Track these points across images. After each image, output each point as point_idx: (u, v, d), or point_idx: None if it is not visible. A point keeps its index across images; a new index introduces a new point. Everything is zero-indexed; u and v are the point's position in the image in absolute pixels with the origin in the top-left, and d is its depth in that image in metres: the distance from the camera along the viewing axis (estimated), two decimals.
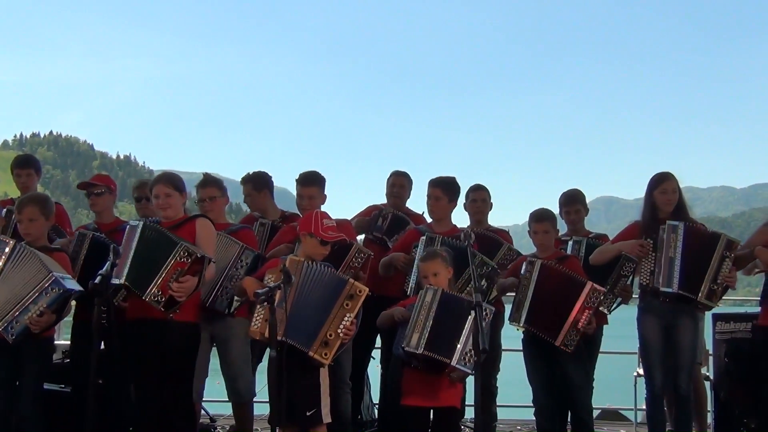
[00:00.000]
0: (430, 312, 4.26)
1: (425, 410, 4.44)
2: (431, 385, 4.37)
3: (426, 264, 4.57)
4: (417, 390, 4.41)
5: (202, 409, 6.54)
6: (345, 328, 4.17)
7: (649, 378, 5.13)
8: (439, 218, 5.54)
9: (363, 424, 6.35)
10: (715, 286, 4.89)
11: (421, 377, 4.38)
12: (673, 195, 5.08)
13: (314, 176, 5.39)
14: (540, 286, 5.03)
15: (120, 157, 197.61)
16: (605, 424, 7.64)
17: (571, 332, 4.91)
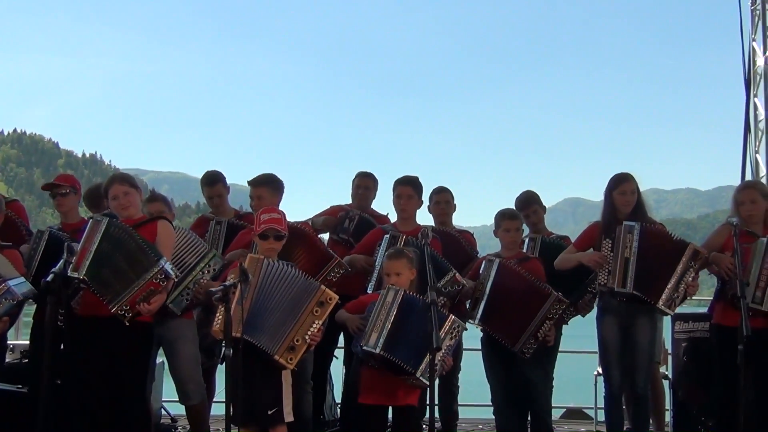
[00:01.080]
0: (390, 313, 4.25)
1: (383, 409, 4.44)
2: (389, 383, 4.36)
3: (391, 262, 4.56)
4: (375, 388, 4.41)
5: (163, 409, 6.51)
6: (312, 334, 4.16)
7: (607, 377, 5.18)
8: (409, 216, 5.55)
9: (325, 424, 6.34)
10: (676, 294, 4.91)
11: (378, 375, 4.38)
12: (631, 196, 5.11)
13: (264, 177, 5.39)
14: (497, 286, 5.04)
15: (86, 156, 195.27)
16: (568, 423, 7.71)
17: (529, 340, 4.94)
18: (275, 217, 4.51)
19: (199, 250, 4.98)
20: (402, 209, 5.52)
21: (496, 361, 5.20)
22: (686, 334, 6.79)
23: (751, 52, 8.08)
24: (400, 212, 5.53)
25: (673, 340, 6.88)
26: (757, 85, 8.00)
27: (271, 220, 4.47)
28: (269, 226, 4.44)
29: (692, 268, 4.91)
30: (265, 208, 4.72)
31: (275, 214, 4.57)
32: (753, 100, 7.99)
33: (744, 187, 5.18)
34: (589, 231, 5.30)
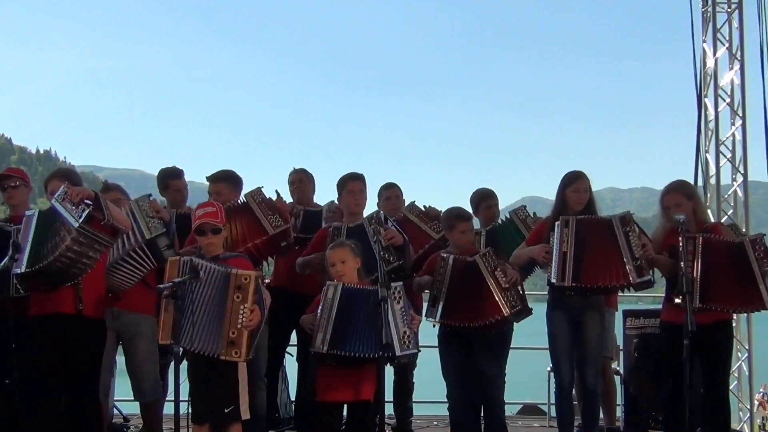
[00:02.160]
0: (333, 309, 4.29)
1: (340, 405, 4.45)
2: (346, 380, 4.39)
3: (333, 252, 4.60)
4: (331, 385, 4.43)
5: (116, 408, 6.44)
6: (245, 319, 4.08)
7: (557, 372, 5.23)
8: (361, 211, 5.57)
9: (281, 422, 6.34)
10: (637, 262, 4.91)
11: (335, 373, 4.39)
12: (584, 194, 5.17)
13: (223, 173, 5.36)
14: (453, 281, 5.07)
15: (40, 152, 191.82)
16: (523, 419, 7.79)
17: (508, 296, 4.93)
18: (210, 211, 4.45)
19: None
20: (356, 204, 5.52)
21: (452, 356, 5.23)
22: (637, 330, 6.91)
23: (702, 53, 8.21)
24: (354, 207, 5.53)
25: (625, 336, 6.99)
26: (708, 86, 8.13)
27: (206, 214, 4.42)
28: (204, 221, 4.39)
29: (631, 231, 4.94)
30: (201, 203, 4.68)
31: (210, 207, 4.51)
32: (704, 101, 8.12)
33: (668, 192, 5.22)
34: (539, 227, 5.36)
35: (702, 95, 8.11)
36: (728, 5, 8.06)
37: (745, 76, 7.97)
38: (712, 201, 7.95)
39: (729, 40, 8.04)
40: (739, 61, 7.96)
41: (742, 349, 7.75)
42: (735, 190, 7.98)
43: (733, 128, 7.97)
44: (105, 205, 4.22)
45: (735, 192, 7.98)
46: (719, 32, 8.07)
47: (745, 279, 4.95)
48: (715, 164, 7.98)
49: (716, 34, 8.07)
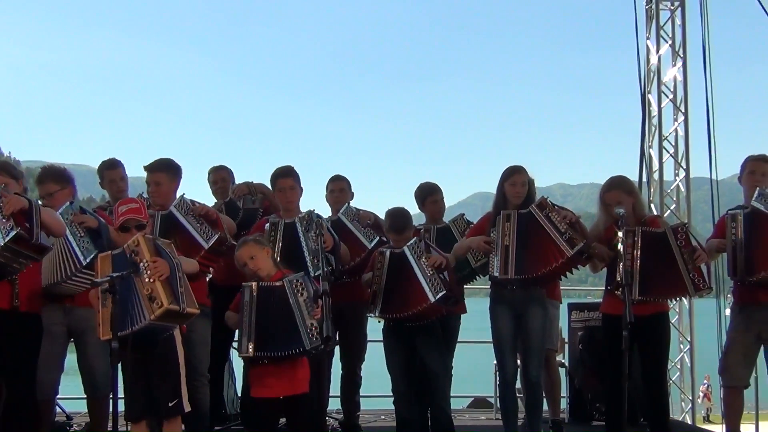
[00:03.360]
0: (252, 312, 4.31)
1: (275, 400, 4.44)
2: (278, 374, 4.39)
3: (239, 253, 4.61)
4: (265, 381, 4.44)
5: (58, 406, 6.32)
6: (149, 270, 4.01)
7: (501, 365, 5.28)
8: (295, 207, 5.54)
9: (227, 418, 6.29)
10: (565, 235, 4.98)
11: (266, 369, 4.41)
12: (522, 188, 5.22)
13: (161, 162, 5.26)
14: (389, 275, 5.10)
15: None
16: (471, 412, 7.84)
17: (433, 281, 4.94)
18: (133, 207, 4.41)
19: None
20: (288, 201, 5.49)
21: (396, 350, 5.24)
22: (582, 323, 7.02)
23: (645, 50, 8.33)
24: (286, 204, 5.50)
25: (570, 329, 7.09)
26: (651, 83, 8.26)
27: (129, 210, 4.37)
28: (128, 217, 4.34)
29: (550, 212, 5.05)
30: (122, 200, 4.63)
31: (133, 204, 4.47)
32: (647, 97, 8.24)
33: (608, 189, 5.32)
34: (481, 222, 5.41)
35: (646, 91, 8.24)
36: (671, 3, 8.20)
37: (687, 73, 8.11)
38: (655, 196, 8.10)
39: (672, 37, 8.19)
40: (682, 58, 8.11)
41: (684, 341, 7.91)
42: (677, 185, 8.12)
43: (675, 124, 8.11)
44: (36, 222, 4.11)
45: (677, 187, 8.13)
46: (662, 29, 8.20)
47: (672, 268, 5.07)
48: (658, 159, 8.13)
49: (659, 31, 8.20)
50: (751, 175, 5.38)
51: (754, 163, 5.40)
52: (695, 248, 5.08)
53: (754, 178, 5.35)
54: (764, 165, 5.37)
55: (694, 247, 5.08)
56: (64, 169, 5.19)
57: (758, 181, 5.34)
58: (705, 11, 7.89)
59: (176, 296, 4.00)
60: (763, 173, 5.34)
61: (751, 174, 5.38)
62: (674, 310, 7.67)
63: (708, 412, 20.83)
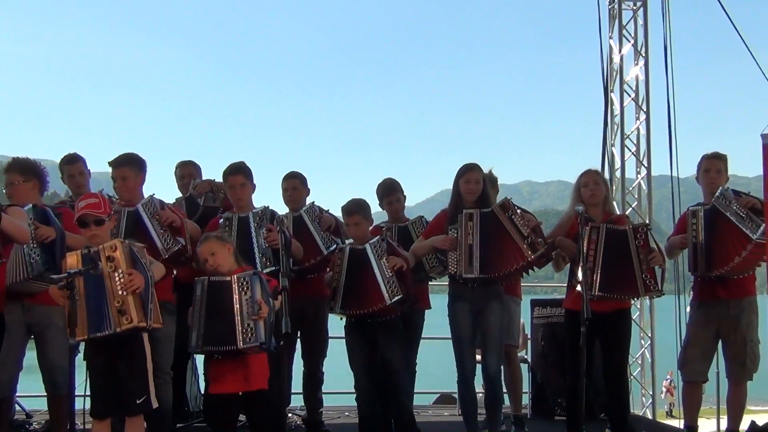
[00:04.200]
0: (202, 306, 4.31)
1: (233, 396, 4.43)
2: (236, 370, 4.39)
3: (200, 249, 4.60)
4: (222, 377, 4.43)
5: (17, 404, 6.25)
6: (123, 283, 4.00)
7: (460, 361, 5.29)
8: (246, 204, 5.51)
9: (190, 415, 6.26)
10: (527, 240, 5.04)
11: (223, 365, 4.40)
12: (476, 185, 5.25)
13: (126, 157, 5.21)
14: (349, 271, 5.10)
15: None
16: (434, 408, 7.88)
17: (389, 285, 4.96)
18: (92, 202, 4.35)
19: None
20: (238, 198, 5.49)
21: (358, 347, 5.25)
22: (544, 319, 7.08)
23: (608, 49, 8.42)
24: (237, 201, 5.50)
25: (532, 325, 7.15)
26: (614, 81, 8.36)
27: (88, 206, 4.31)
28: (86, 212, 4.29)
29: (513, 213, 5.10)
30: (84, 195, 4.57)
31: (93, 199, 4.41)
32: (610, 96, 8.34)
33: (587, 172, 5.46)
34: (438, 219, 5.44)
35: (608, 90, 8.33)
36: (633, 3, 8.30)
37: (649, 72, 8.22)
38: (617, 193, 8.19)
39: (634, 36, 8.29)
40: (644, 58, 8.21)
41: (645, 336, 8.02)
42: (639, 183, 8.23)
43: (637, 123, 8.22)
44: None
45: (639, 185, 8.24)
46: (625, 29, 8.32)
47: (628, 267, 5.15)
48: (621, 158, 8.22)
49: (622, 30, 8.31)
50: (706, 173, 5.52)
51: (708, 161, 5.54)
52: (652, 249, 5.17)
53: (710, 175, 5.49)
54: (718, 162, 5.51)
55: (651, 248, 5.17)
56: (34, 163, 5.14)
57: (713, 178, 5.46)
58: (667, 11, 8.00)
59: (146, 313, 4.02)
60: (717, 170, 5.48)
61: (706, 172, 5.52)
62: (635, 306, 7.77)
63: (671, 408, 21.09)
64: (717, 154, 5.57)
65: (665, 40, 7.92)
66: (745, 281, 5.41)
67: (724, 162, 5.55)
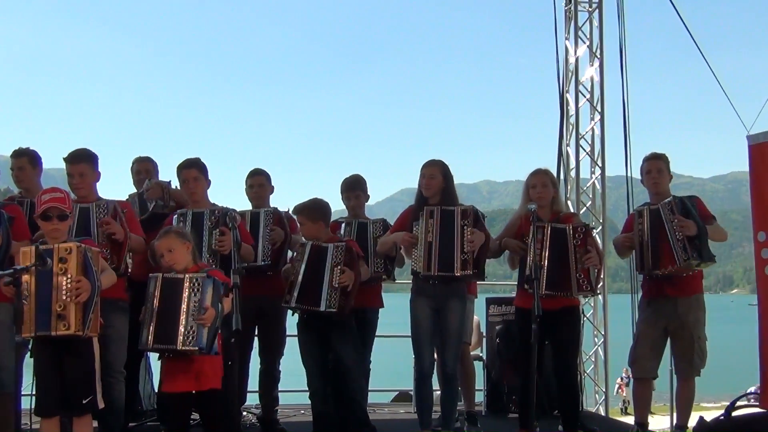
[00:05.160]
0: (154, 303, 4.26)
1: (186, 395, 4.40)
2: (187, 369, 4.35)
3: (159, 243, 4.54)
4: (175, 376, 4.39)
5: None
6: (68, 289, 3.97)
7: (418, 358, 5.32)
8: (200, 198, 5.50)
9: (143, 414, 6.21)
10: (464, 255, 5.10)
11: (176, 363, 4.37)
12: (431, 180, 5.29)
13: (83, 153, 5.15)
14: (310, 267, 5.11)
15: None
16: (390, 406, 7.89)
17: (330, 294, 5.00)
18: (58, 197, 4.31)
19: None
20: (191, 192, 5.46)
21: (310, 345, 5.25)
22: (500, 317, 7.16)
23: (564, 50, 8.50)
24: (190, 195, 5.48)
25: (488, 323, 7.21)
26: (569, 82, 8.44)
27: (53, 199, 4.27)
28: (52, 205, 4.24)
29: (466, 225, 5.13)
30: (46, 188, 4.50)
31: (58, 193, 4.37)
32: (565, 96, 8.42)
33: (536, 173, 5.50)
34: (403, 216, 5.46)
35: (564, 91, 8.41)
36: (589, 5, 8.37)
37: (604, 73, 8.30)
38: (572, 193, 8.27)
39: (590, 38, 8.36)
40: (599, 59, 8.29)
41: (598, 334, 8.10)
42: (593, 183, 8.32)
43: (592, 123, 8.29)
44: None
45: (593, 184, 8.33)
46: (580, 30, 8.38)
47: (566, 265, 5.21)
48: (575, 157, 8.30)
49: (578, 32, 8.38)
50: (648, 174, 5.62)
51: (648, 163, 5.65)
52: (588, 250, 5.23)
53: (651, 176, 5.60)
54: (658, 162, 5.61)
55: (587, 249, 5.23)
56: None
57: (655, 178, 5.56)
58: (622, 13, 8.10)
59: (84, 322, 3.99)
60: (658, 170, 5.59)
61: (647, 174, 5.62)
62: (589, 305, 7.86)
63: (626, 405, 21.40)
64: (656, 154, 5.67)
65: (620, 41, 8.03)
66: (693, 279, 5.51)
67: (665, 161, 5.63)
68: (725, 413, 5.47)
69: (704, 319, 5.50)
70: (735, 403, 5.52)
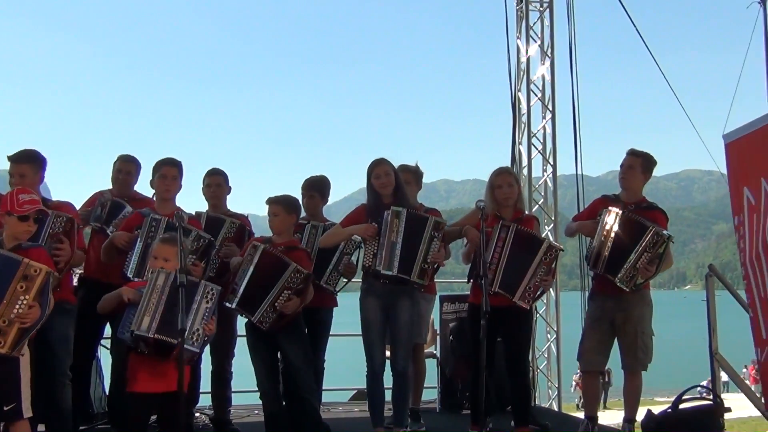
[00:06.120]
0: (162, 296, 4.19)
1: (152, 396, 4.36)
2: (158, 369, 4.30)
3: (163, 246, 4.49)
4: (143, 375, 4.33)
5: None
6: (21, 312, 3.87)
7: (369, 356, 5.33)
8: (171, 198, 5.48)
9: (94, 417, 6.13)
10: (425, 265, 5.15)
11: (147, 362, 4.30)
12: (386, 178, 5.30)
13: (27, 154, 5.06)
14: (257, 271, 5.06)
15: None
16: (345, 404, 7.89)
17: (268, 310, 4.98)
18: (35, 198, 4.28)
19: None
20: (167, 189, 5.43)
21: (259, 346, 5.22)
22: (453, 315, 7.19)
23: (516, 49, 8.59)
24: (164, 193, 5.44)
25: (441, 321, 7.25)
26: (521, 81, 8.52)
27: (33, 201, 4.23)
28: (34, 207, 4.19)
29: (436, 238, 5.17)
30: (21, 188, 4.42)
31: (35, 195, 4.33)
32: (517, 95, 8.51)
33: (500, 172, 5.55)
34: (355, 213, 5.45)
35: (516, 90, 8.50)
36: (540, 4, 8.47)
37: (555, 73, 8.40)
38: (525, 191, 8.34)
39: (541, 37, 8.46)
40: (550, 58, 8.39)
41: (551, 330, 8.20)
42: (545, 181, 8.42)
43: (543, 122, 8.40)
44: None
45: (545, 182, 8.42)
46: (532, 29, 8.48)
47: (524, 272, 5.24)
48: (527, 156, 8.39)
49: (529, 31, 8.47)
50: (620, 168, 5.67)
51: (624, 158, 5.67)
52: (551, 270, 5.31)
53: (621, 171, 5.66)
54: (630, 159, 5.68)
55: (550, 269, 5.31)
56: None
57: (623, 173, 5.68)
58: (572, 13, 8.22)
59: (15, 345, 3.90)
60: (628, 166, 5.66)
61: (620, 167, 5.67)
62: (542, 301, 7.94)
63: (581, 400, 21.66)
64: (633, 151, 5.71)
65: (570, 40, 8.15)
66: None
67: (642, 159, 5.65)
68: (672, 406, 5.56)
69: (650, 315, 5.58)
70: (682, 396, 5.62)
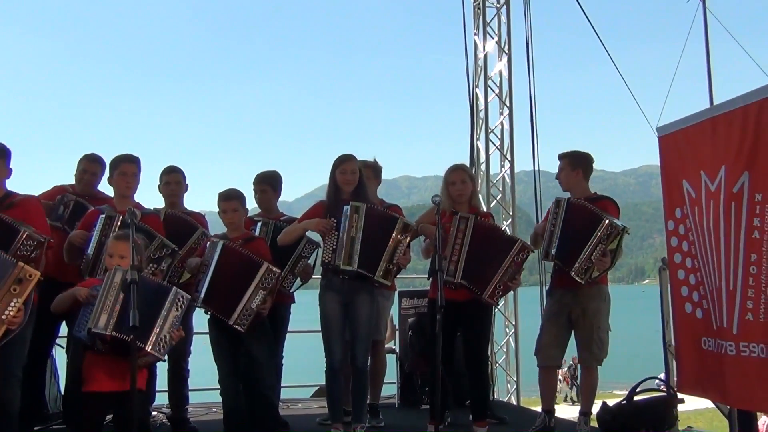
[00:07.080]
0: (119, 294, 4.13)
1: (108, 395, 4.31)
2: (115, 368, 4.23)
3: (118, 243, 4.43)
4: (100, 375, 4.26)
5: None
6: (10, 315, 3.87)
7: (328, 352, 5.31)
8: (130, 195, 5.41)
9: (49, 417, 6.04)
10: (390, 266, 5.16)
11: (104, 361, 4.24)
12: (352, 175, 5.29)
13: None
14: (219, 267, 5.03)
15: None
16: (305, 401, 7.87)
17: (244, 312, 4.96)
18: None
19: None
20: (127, 187, 5.37)
21: (221, 341, 5.19)
22: (412, 310, 7.22)
23: (473, 45, 8.63)
24: (125, 190, 5.37)
25: (400, 316, 7.27)
26: (478, 77, 8.57)
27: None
28: None
29: (403, 240, 5.17)
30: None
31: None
32: (475, 91, 8.55)
33: (454, 169, 5.57)
34: (314, 209, 5.43)
35: (473, 86, 8.54)
36: (497, 1, 8.53)
37: (512, 69, 8.46)
38: (483, 187, 8.41)
39: (498, 33, 8.52)
40: (507, 54, 8.45)
41: (509, 325, 8.26)
42: (503, 176, 8.48)
43: (501, 118, 8.46)
44: None
45: (503, 178, 8.49)
46: (489, 26, 8.53)
47: (492, 268, 5.27)
48: (485, 152, 8.44)
49: (486, 27, 8.52)
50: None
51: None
52: (520, 271, 5.38)
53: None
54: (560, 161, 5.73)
55: (520, 270, 5.37)
56: None
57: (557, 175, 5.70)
58: (529, 9, 8.27)
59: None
60: (560, 168, 5.71)
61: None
62: None
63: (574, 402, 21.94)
64: (561, 154, 5.77)
65: (527, 37, 8.20)
66: None
67: (569, 159, 5.70)
68: (627, 398, 5.64)
69: (607, 310, 5.61)
70: (636, 388, 5.70)
